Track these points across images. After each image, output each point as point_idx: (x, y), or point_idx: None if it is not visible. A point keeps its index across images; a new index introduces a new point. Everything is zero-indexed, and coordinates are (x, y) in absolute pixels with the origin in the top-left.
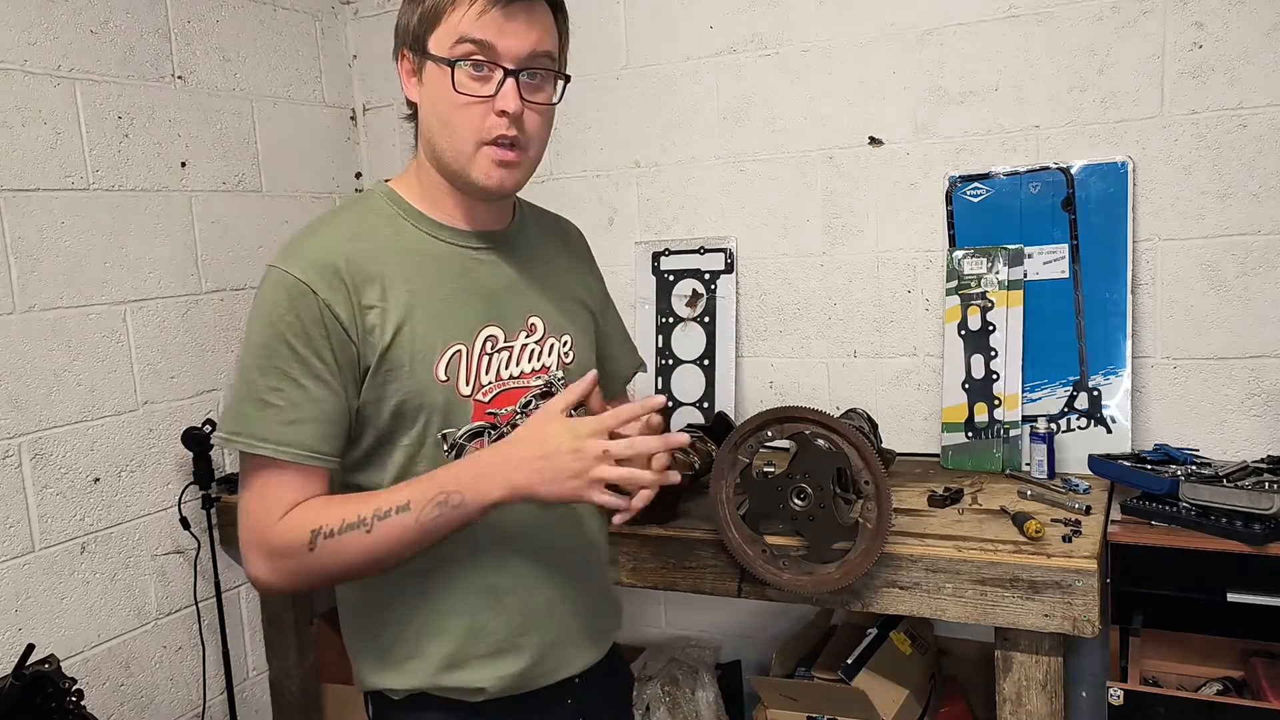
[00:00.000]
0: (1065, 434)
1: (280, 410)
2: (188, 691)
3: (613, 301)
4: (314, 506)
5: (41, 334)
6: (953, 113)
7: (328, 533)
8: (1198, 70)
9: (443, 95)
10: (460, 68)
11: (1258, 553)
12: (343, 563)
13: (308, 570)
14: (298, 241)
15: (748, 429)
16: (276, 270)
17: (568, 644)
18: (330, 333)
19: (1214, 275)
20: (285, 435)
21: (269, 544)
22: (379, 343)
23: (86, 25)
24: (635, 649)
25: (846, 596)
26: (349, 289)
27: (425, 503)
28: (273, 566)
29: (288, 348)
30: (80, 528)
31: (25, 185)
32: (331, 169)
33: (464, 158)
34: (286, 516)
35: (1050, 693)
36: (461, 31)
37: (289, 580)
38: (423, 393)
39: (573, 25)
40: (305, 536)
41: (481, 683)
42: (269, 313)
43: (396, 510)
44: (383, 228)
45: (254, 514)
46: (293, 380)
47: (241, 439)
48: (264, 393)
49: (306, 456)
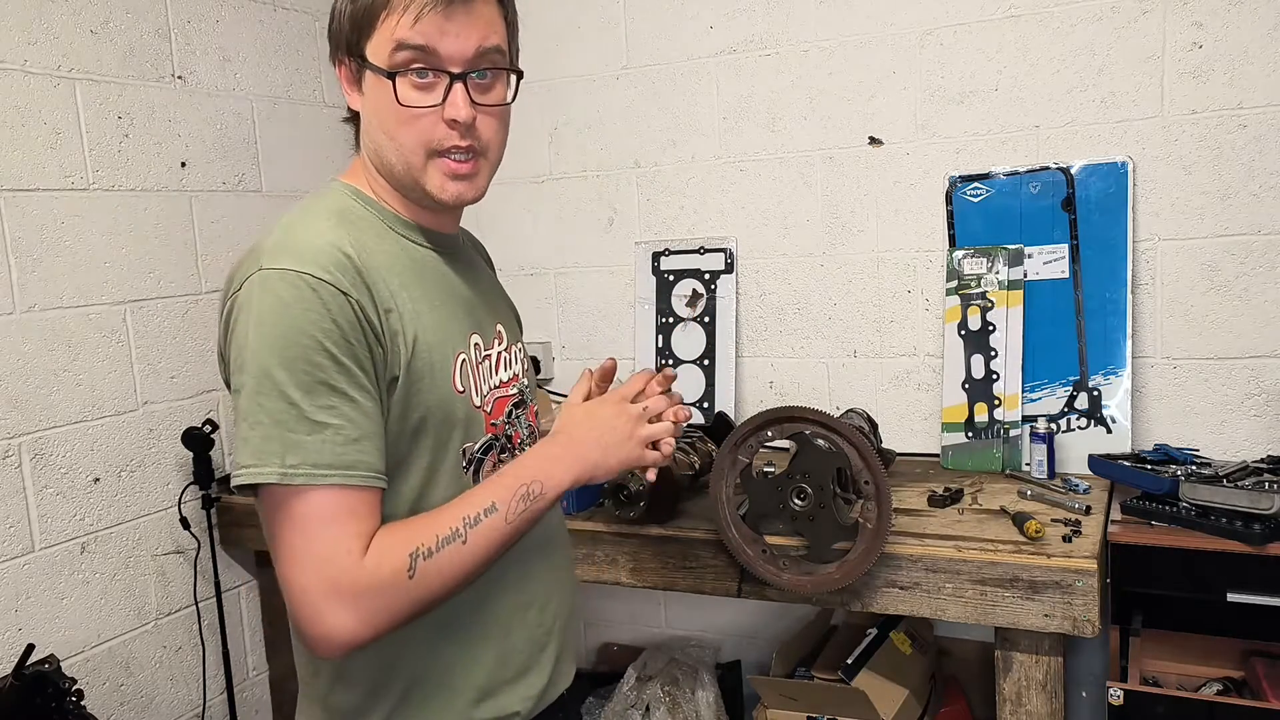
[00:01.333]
0: (1065, 434)
1: (339, 429)
2: (188, 691)
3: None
4: (393, 531)
5: (41, 334)
6: (953, 113)
7: (425, 553)
8: (1198, 70)
9: (386, 108)
10: (402, 78)
11: (1258, 553)
12: (440, 585)
13: (406, 603)
14: (292, 240)
15: (748, 429)
16: (289, 273)
17: (567, 657)
18: (367, 337)
19: (1214, 275)
20: (349, 458)
21: (358, 586)
22: (404, 350)
23: (86, 25)
24: (635, 649)
25: (846, 596)
26: (370, 289)
27: (510, 499)
28: (362, 612)
29: (330, 358)
30: (80, 528)
31: (25, 185)
32: (331, 169)
33: (415, 171)
34: (373, 549)
35: (1050, 693)
36: (399, 38)
37: (382, 622)
38: (446, 405)
39: (573, 24)
40: (404, 562)
41: (515, 707)
42: (298, 320)
43: (485, 514)
44: (365, 229)
45: (324, 557)
46: (343, 394)
47: (303, 471)
48: (315, 413)
49: (374, 477)
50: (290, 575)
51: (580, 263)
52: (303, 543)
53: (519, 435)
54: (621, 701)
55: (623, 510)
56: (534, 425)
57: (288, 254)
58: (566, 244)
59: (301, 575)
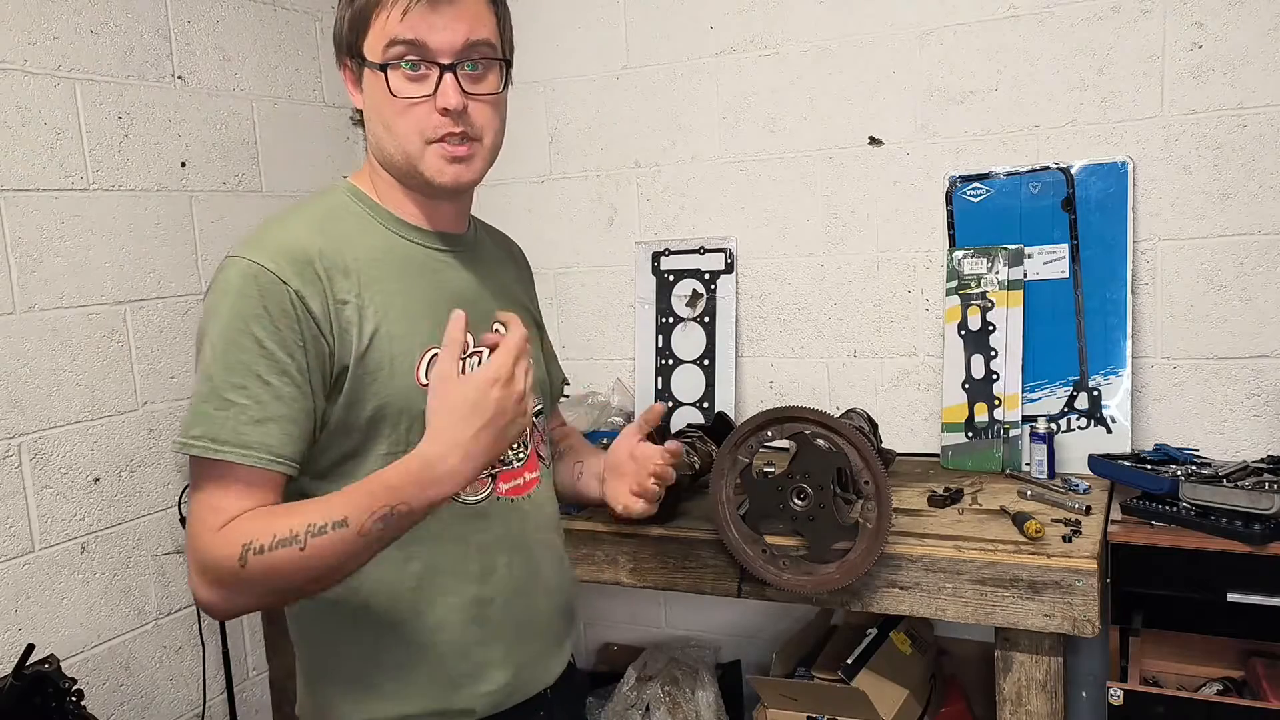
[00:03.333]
0: (1065, 434)
1: (244, 409)
2: (188, 691)
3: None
4: (251, 518)
5: (41, 334)
6: (953, 113)
7: (257, 549)
8: (1198, 70)
9: (382, 101)
10: (394, 70)
11: (1258, 553)
12: (278, 582)
13: (242, 589)
14: (263, 232)
15: (748, 429)
16: (241, 260)
17: (544, 653)
18: (302, 327)
19: (1214, 275)
20: (248, 437)
21: (205, 560)
22: (356, 342)
23: (86, 25)
24: (635, 649)
25: (846, 596)
26: (323, 281)
27: (367, 518)
28: (209, 585)
29: (254, 341)
30: (80, 528)
31: (25, 185)
32: (331, 169)
33: (413, 159)
34: (223, 529)
35: (1050, 693)
36: (390, 34)
37: (227, 601)
38: (404, 396)
39: (573, 24)
40: (236, 551)
41: (470, 704)
42: (234, 304)
43: (333, 526)
44: (350, 224)
45: (197, 527)
46: (258, 377)
47: (201, 443)
48: (226, 391)
49: (270, 460)
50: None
51: (580, 263)
52: (194, 508)
53: None
54: (621, 701)
55: None
56: (532, 424)
57: (250, 244)
58: (567, 244)
59: (188, 537)
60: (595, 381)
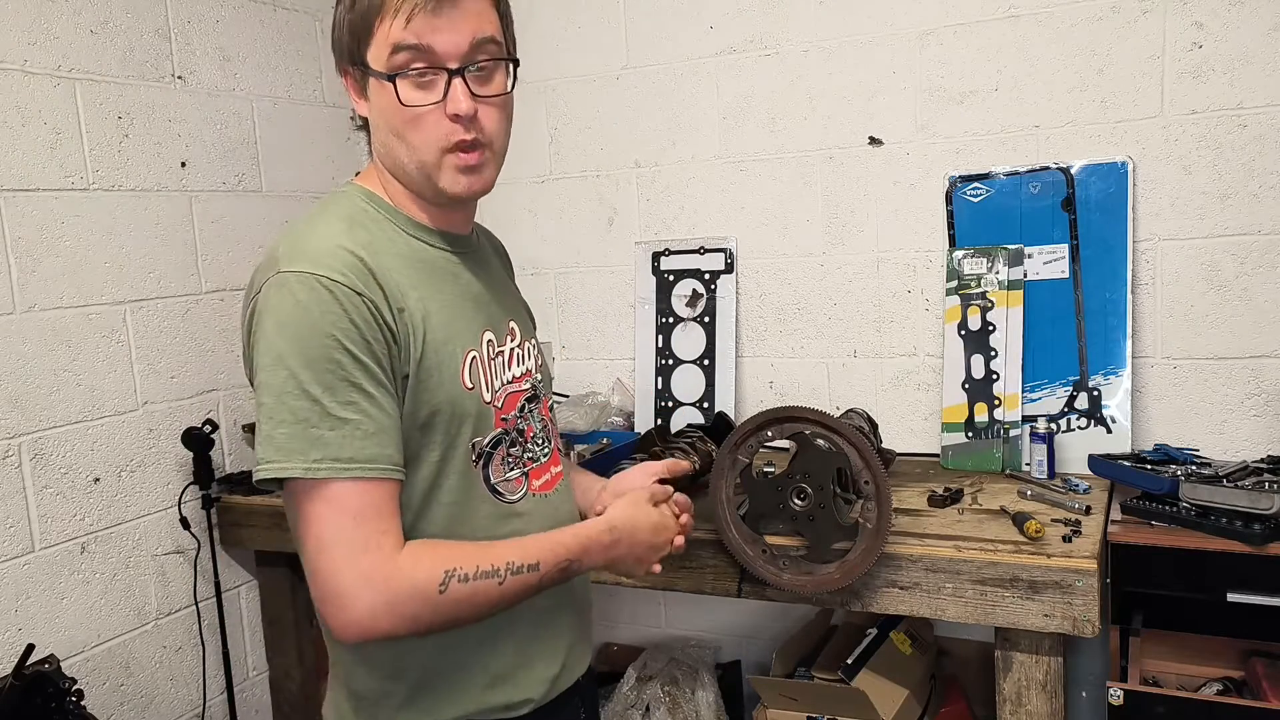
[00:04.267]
0: (1065, 434)
1: (358, 424)
2: (188, 691)
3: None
4: (434, 546)
5: (41, 334)
6: (953, 113)
7: (462, 576)
8: (1198, 70)
9: (391, 110)
10: (402, 79)
11: (1258, 553)
12: (467, 609)
13: (430, 614)
14: (306, 244)
15: (748, 429)
16: (306, 275)
17: (581, 645)
18: (383, 334)
19: (1214, 275)
20: (370, 451)
21: (391, 582)
22: (414, 348)
23: (86, 25)
24: (635, 649)
25: (846, 596)
26: (383, 289)
27: (553, 568)
28: (392, 608)
29: (349, 356)
30: (80, 528)
31: (25, 185)
32: (331, 169)
33: (429, 169)
34: (409, 551)
35: (1050, 693)
36: (394, 40)
37: (405, 624)
38: (455, 401)
39: (573, 24)
40: (439, 575)
41: (529, 693)
42: (318, 321)
43: (528, 569)
44: (375, 229)
45: (357, 548)
46: (363, 390)
47: (325, 465)
48: (336, 409)
49: (393, 470)
50: (320, 563)
51: (580, 263)
52: (333, 533)
53: (531, 429)
54: (621, 701)
55: None
56: (547, 419)
57: (302, 257)
58: (567, 244)
59: (331, 562)
60: (595, 381)
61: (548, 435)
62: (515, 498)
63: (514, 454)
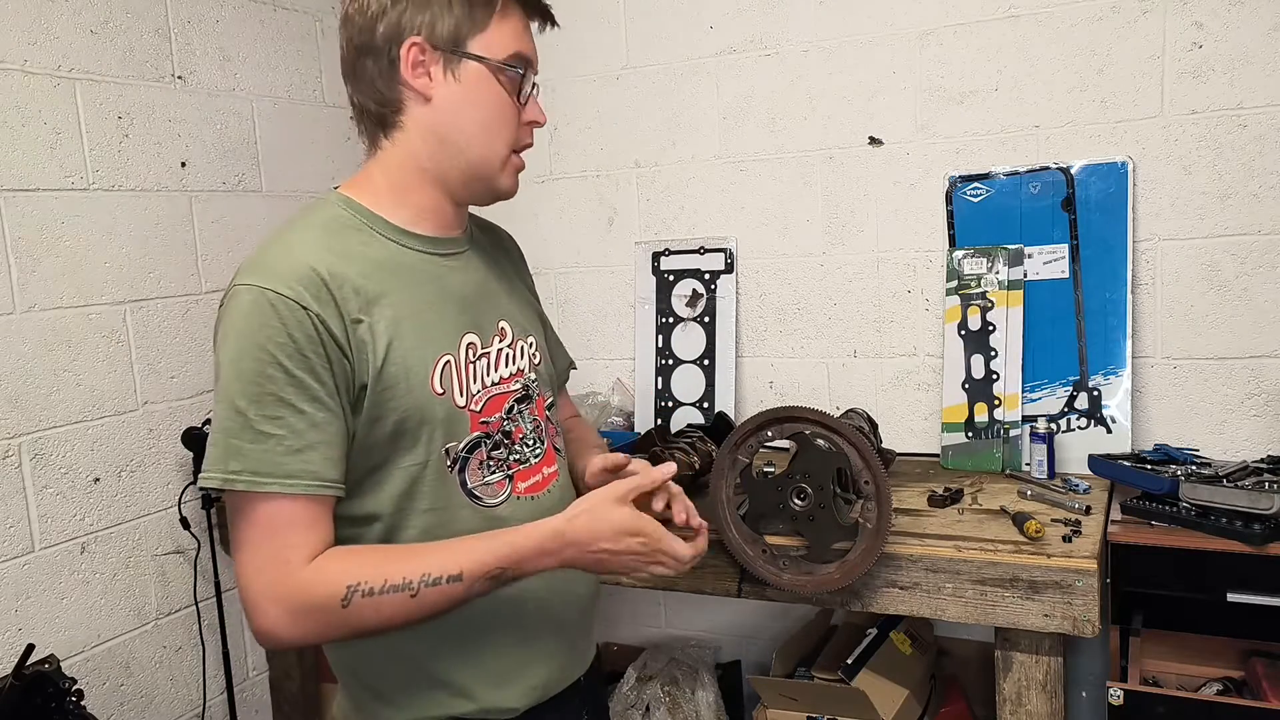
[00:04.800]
0: (1065, 434)
1: (281, 439)
2: (188, 691)
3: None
4: (346, 557)
5: (41, 334)
6: (953, 113)
7: (366, 591)
8: (1198, 70)
9: (490, 99)
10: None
11: (1258, 553)
12: (376, 622)
13: (336, 626)
14: (267, 255)
15: (748, 429)
16: (254, 289)
17: (579, 642)
18: (327, 351)
19: (1214, 275)
20: (290, 466)
21: (292, 596)
22: (372, 359)
23: (86, 25)
24: (635, 649)
25: (846, 596)
26: (337, 302)
27: (479, 576)
28: (294, 620)
29: (282, 371)
30: (80, 528)
31: (25, 185)
32: (331, 169)
33: (494, 166)
34: (315, 565)
35: (1050, 693)
36: (517, 47)
37: (311, 635)
38: (423, 408)
39: (573, 25)
40: (340, 591)
41: (513, 702)
42: (255, 335)
43: (448, 580)
44: (350, 237)
45: (266, 561)
46: (290, 406)
47: (243, 479)
48: (260, 423)
49: (318, 485)
50: (238, 571)
51: (580, 263)
52: (249, 545)
53: (521, 430)
54: (621, 701)
55: None
56: (541, 419)
57: (258, 270)
58: (567, 244)
59: (245, 574)
60: (595, 381)
61: (540, 436)
62: (495, 501)
63: (496, 457)
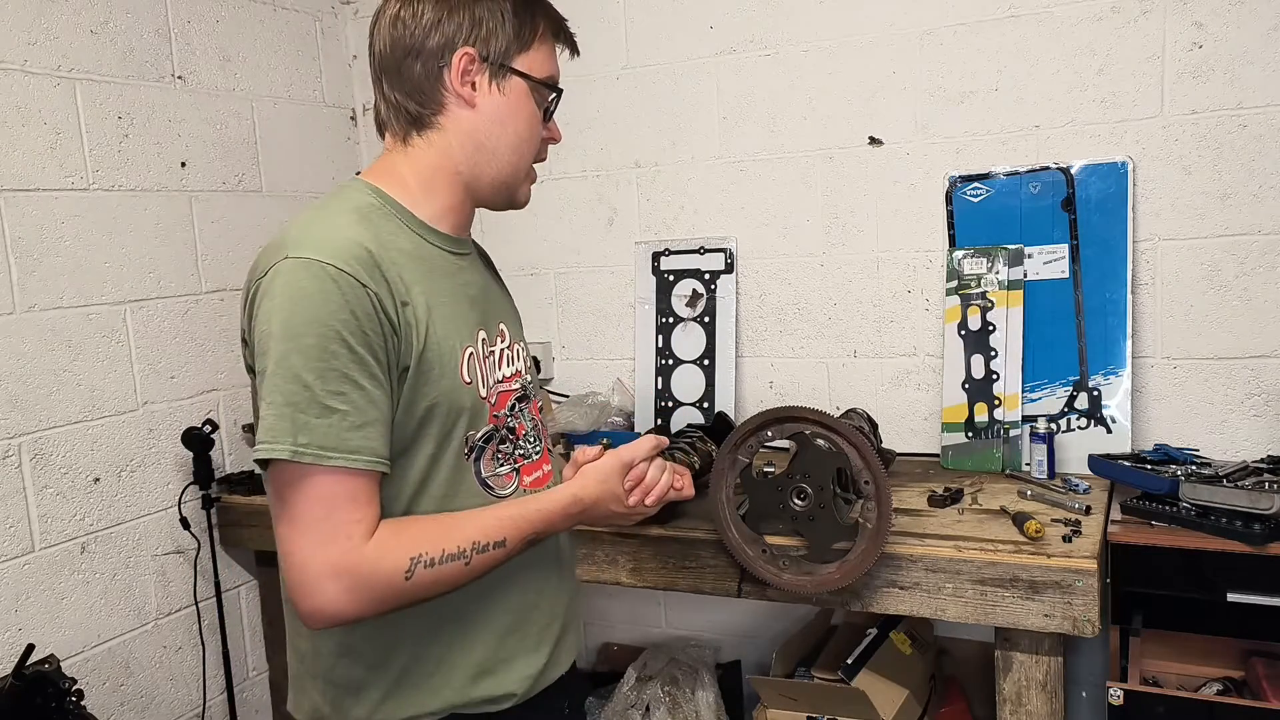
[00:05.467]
0: (1065, 434)
1: (345, 415)
2: (188, 691)
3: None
4: (400, 530)
5: (41, 334)
6: (953, 113)
7: (428, 562)
8: (1198, 70)
9: (526, 116)
10: (546, 96)
11: (1258, 553)
12: (435, 591)
13: (397, 598)
14: (313, 230)
15: (748, 429)
16: (312, 262)
17: (567, 641)
18: (383, 328)
19: (1214, 275)
20: (354, 442)
21: (357, 571)
22: (416, 342)
23: (86, 25)
24: (635, 649)
25: (846, 596)
26: (389, 281)
27: (521, 540)
28: (355, 596)
29: (345, 347)
30: (80, 528)
31: (25, 185)
32: (331, 169)
33: (519, 176)
34: (376, 540)
35: (1050, 693)
36: (551, 69)
37: (372, 607)
38: (454, 394)
39: (573, 25)
40: (405, 564)
41: (512, 687)
42: (317, 309)
43: (494, 546)
44: (383, 224)
45: (326, 536)
46: (354, 382)
47: (310, 451)
48: (326, 398)
49: (376, 462)
50: (291, 549)
51: (580, 263)
52: (306, 519)
53: (522, 427)
54: (621, 701)
55: None
56: (537, 419)
57: (310, 245)
58: (567, 244)
59: (301, 550)
60: (595, 381)
61: (538, 434)
62: (505, 493)
63: (504, 450)
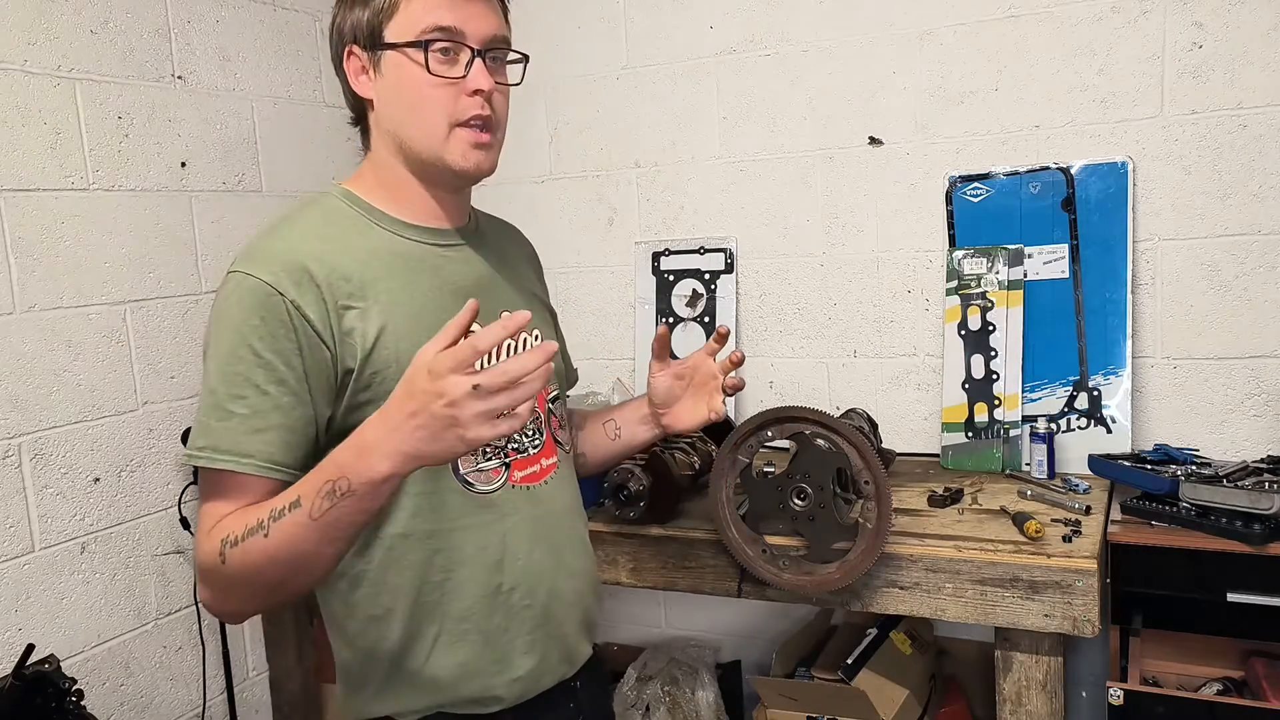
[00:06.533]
0: (1065, 434)
1: (243, 419)
2: (188, 691)
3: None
4: (232, 515)
5: (41, 334)
6: (953, 113)
7: (232, 541)
8: (1198, 70)
9: (410, 81)
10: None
11: (1258, 553)
12: (251, 573)
13: (228, 583)
14: (259, 244)
15: (748, 429)
16: (238, 274)
17: (569, 639)
18: (300, 336)
19: (1214, 275)
20: (247, 445)
21: (200, 563)
22: (360, 346)
23: (86, 25)
24: (635, 649)
25: (846, 596)
26: (321, 289)
27: (315, 495)
28: (204, 586)
29: (251, 353)
30: (80, 528)
31: (25, 185)
32: (331, 169)
33: (437, 142)
34: (211, 530)
35: (1050, 693)
36: (429, 20)
37: (219, 601)
38: None
39: (573, 24)
40: (217, 546)
41: (498, 691)
42: (232, 319)
43: (289, 508)
44: (346, 227)
45: (198, 532)
46: (255, 386)
47: (204, 454)
48: (227, 402)
49: (269, 468)
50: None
51: (580, 263)
52: (201, 519)
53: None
54: (621, 701)
55: (622, 510)
56: (540, 411)
57: (246, 259)
58: (567, 244)
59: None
60: (595, 381)
61: (539, 427)
62: (489, 488)
63: (493, 444)
